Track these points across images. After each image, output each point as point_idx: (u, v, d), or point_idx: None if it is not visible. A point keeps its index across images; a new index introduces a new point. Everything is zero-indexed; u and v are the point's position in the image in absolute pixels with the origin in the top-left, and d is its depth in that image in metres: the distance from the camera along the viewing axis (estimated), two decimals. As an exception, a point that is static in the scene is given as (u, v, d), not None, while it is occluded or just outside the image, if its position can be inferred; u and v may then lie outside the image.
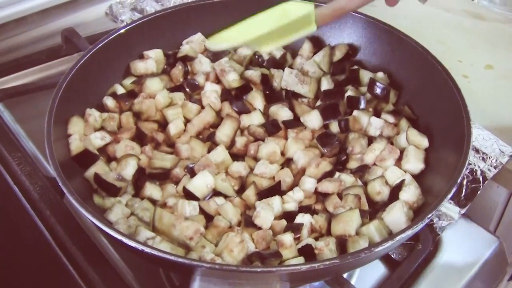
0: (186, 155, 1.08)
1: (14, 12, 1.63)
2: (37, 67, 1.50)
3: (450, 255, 1.11)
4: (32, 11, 1.66)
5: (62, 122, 1.07)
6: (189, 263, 0.77)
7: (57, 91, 1.05)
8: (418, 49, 1.16)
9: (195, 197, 1.00)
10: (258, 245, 0.94)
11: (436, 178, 1.02)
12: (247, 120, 1.15)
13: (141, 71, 1.21)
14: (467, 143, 0.96)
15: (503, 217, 1.31)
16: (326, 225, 0.98)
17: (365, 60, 1.27)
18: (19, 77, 1.48)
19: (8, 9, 1.62)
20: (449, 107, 1.06)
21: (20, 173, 1.14)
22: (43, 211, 1.07)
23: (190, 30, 1.29)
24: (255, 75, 1.21)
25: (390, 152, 1.07)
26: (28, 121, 1.36)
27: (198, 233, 0.91)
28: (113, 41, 1.19)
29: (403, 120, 1.14)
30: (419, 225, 0.84)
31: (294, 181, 1.06)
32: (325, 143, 1.10)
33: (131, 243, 0.79)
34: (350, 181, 1.04)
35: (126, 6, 1.69)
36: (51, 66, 1.51)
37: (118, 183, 0.99)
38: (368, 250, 0.80)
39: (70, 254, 1.02)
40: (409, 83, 1.19)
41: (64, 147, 1.04)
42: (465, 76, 1.40)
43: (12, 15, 1.63)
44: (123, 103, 1.16)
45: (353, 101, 1.16)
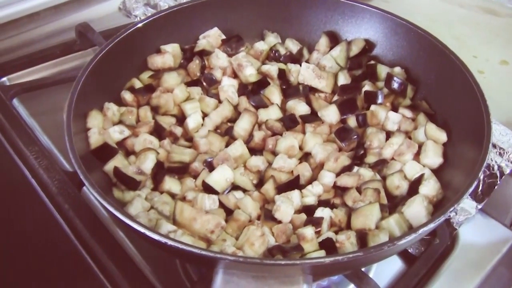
0: (205, 149, 1.08)
1: (27, 8, 1.64)
2: (51, 62, 1.51)
3: (467, 249, 1.11)
4: (45, 6, 1.66)
5: (81, 116, 1.07)
6: (213, 256, 0.77)
7: (76, 85, 1.05)
8: (435, 43, 1.15)
9: (214, 191, 1.00)
10: (278, 238, 0.94)
11: (455, 173, 1.02)
12: (264, 114, 1.15)
13: (158, 65, 1.21)
14: (487, 138, 0.96)
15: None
16: (346, 219, 0.98)
17: (382, 55, 1.26)
18: (34, 71, 1.49)
19: (21, 4, 1.63)
20: (468, 101, 1.05)
21: (38, 167, 1.14)
22: (61, 204, 1.08)
23: (207, 24, 1.29)
24: (272, 69, 1.21)
25: (409, 146, 1.07)
26: (42, 115, 1.36)
27: (219, 227, 0.91)
28: (130, 35, 1.19)
29: (421, 115, 1.14)
30: (441, 218, 0.84)
31: (312, 175, 1.06)
32: (343, 137, 1.09)
33: (155, 236, 0.79)
34: (369, 175, 1.04)
35: (139, 1, 1.69)
36: (65, 60, 1.52)
37: (138, 177, 1.00)
38: (391, 243, 0.80)
39: (89, 247, 1.02)
40: (426, 77, 1.19)
41: (83, 141, 1.04)
42: (480, 71, 1.40)
43: (25, 10, 1.64)
44: (141, 97, 1.16)
45: (370, 96, 1.16)
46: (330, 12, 1.28)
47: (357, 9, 1.26)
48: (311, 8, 1.29)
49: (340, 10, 1.28)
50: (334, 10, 1.28)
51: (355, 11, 1.26)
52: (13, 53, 1.54)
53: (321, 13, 1.29)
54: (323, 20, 1.29)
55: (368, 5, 1.25)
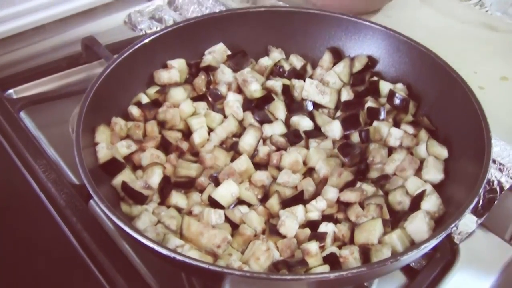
0: (210, 164, 1.10)
1: (33, 21, 1.66)
2: (57, 75, 1.53)
3: (468, 264, 1.12)
4: (51, 19, 1.69)
5: (89, 131, 1.09)
6: (220, 271, 0.79)
7: (84, 100, 1.07)
8: (436, 61, 1.18)
9: (220, 205, 1.02)
10: (283, 253, 0.96)
11: (456, 188, 1.04)
12: (269, 129, 1.17)
13: (164, 81, 1.23)
14: (488, 155, 0.98)
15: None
16: (349, 234, 1.00)
17: (384, 71, 1.28)
18: (40, 84, 1.51)
19: (27, 17, 1.65)
20: (468, 118, 1.07)
21: (46, 180, 1.15)
22: (69, 217, 1.09)
23: (212, 40, 1.31)
24: (277, 85, 1.23)
25: (410, 162, 1.09)
26: (48, 127, 1.38)
27: (226, 241, 0.93)
28: (137, 51, 1.21)
29: (423, 131, 1.16)
30: (443, 234, 0.86)
31: (316, 190, 1.08)
32: (346, 153, 1.11)
33: (164, 251, 0.81)
34: (372, 191, 1.06)
35: (144, 15, 1.71)
36: (71, 73, 1.54)
37: (145, 191, 1.02)
38: (394, 259, 0.82)
39: (97, 260, 1.04)
40: (428, 94, 1.21)
41: (91, 155, 1.06)
42: (481, 87, 1.42)
43: (31, 23, 1.66)
44: (147, 112, 1.18)
45: (373, 112, 1.18)
46: (334, 28, 1.30)
47: (360, 26, 1.28)
48: (315, 25, 1.31)
49: (343, 27, 1.30)
50: (337, 26, 1.30)
51: (358, 28, 1.28)
52: (20, 65, 1.56)
53: (324, 29, 1.31)
54: (326, 36, 1.31)
55: (371, 22, 1.27)
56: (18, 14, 1.63)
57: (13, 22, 1.64)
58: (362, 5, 1.61)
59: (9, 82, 1.48)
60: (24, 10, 1.64)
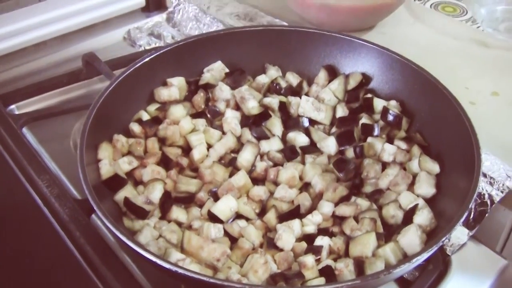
0: (209, 179, 1.13)
1: (34, 37, 1.70)
2: (58, 90, 1.55)
3: (459, 275, 1.15)
4: (51, 36, 1.72)
5: (91, 147, 1.12)
6: (220, 284, 0.83)
7: (87, 118, 1.11)
8: (428, 78, 1.21)
9: (219, 220, 1.06)
10: (280, 266, 0.99)
11: (447, 202, 1.08)
12: (266, 146, 1.20)
13: (164, 98, 1.27)
14: (477, 170, 1.01)
15: (509, 239, 1.35)
16: (344, 247, 1.03)
17: (378, 88, 1.32)
18: (41, 99, 1.53)
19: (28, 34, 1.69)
20: (459, 134, 1.11)
21: (49, 195, 1.18)
22: (72, 232, 1.12)
23: (211, 58, 1.35)
24: (274, 102, 1.27)
25: (403, 177, 1.12)
26: (49, 142, 1.40)
27: (225, 255, 0.96)
28: (138, 69, 1.24)
29: (415, 147, 1.19)
30: (434, 247, 0.89)
31: (312, 204, 1.12)
32: (341, 168, 1.15)
33: (166, 265, 0.84)
34: (366, 205, 1.10)
35: (143, 31, 1.75)
36: (72, 89, 1.57)
37: (147, 206, 1.05)
38: (387, 272, 0.86)
39: (99, 272, 1.06)
40: (420, 111, 1.24)
41: (94, 172, 1.10)
42: (472, 102, 1.45)
43: (32, 40, 1.70)
44: (148, 129, 1.21)
45: (367, 128, 1.22)
46: (329, 47, 1.34)
47: (354, 44, 1.32)
48: (311, 43, 1.34)
49: (338, 45, 1.33)
50: (332, 45, 1.34)
51: (353, 46, 1.32)
52: (21, 81, 1.59)
53: (320, 48, 1.35)
54: (322, 54, 1.35)
55: (365, 41, 1.31)
56: (19, 31, 1.67)
57: (14, 39, 1.67)
58: (356, 23, 1.64)
59: (11, 98, 1.50)
60: (25, 27, 1.68)
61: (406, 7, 1.81)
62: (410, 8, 1.82)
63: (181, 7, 1.75)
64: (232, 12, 1.72)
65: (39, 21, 1.70)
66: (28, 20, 1.68)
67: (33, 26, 1.69)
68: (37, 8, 1.72)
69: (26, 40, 1.69)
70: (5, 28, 1.66)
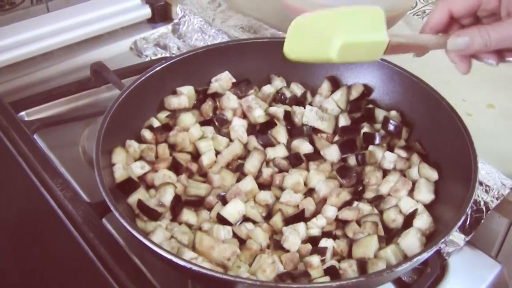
0: (218, 184, 1.18)
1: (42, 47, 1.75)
2: (67, 98, 1.60)
3: (456, 278, 1.20)
4: (59, 46, 1.77)
5: (105, 153, 1.16)
6: (233, 280, 0.87)
7: (102, 124, 1.15)
8: (427, 90, 1.27)
9: (228, 222, 1.10)
10: (286, 266, 1.04)
11: (445, 208, 1.13)
12: (272, 153, 1.25)
13: (174, 106, 1.32)
14: (474, 178, 1.06)
15: (504, 244, 1.40)
16: (347, 249, 1.09)
17: (379, 99, 1.37)
18: (50, 107, 1.58)
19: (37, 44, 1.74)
20: (457, 144, 1.16)
21: (63, 198, 1.22)
22: (86, 233, 1.15)
23: (218, 68, 1.40)
24: (279, 111, 1.32)
25: (403, 184, 1.18)
26: (58, 149, 1.45)
27: (235, 254, 1.01)
28: (149, 78, 1.29)
29: (415, 155, 1.24)
30: (434, 248, 0.94)
31: (316, 209, 1.17)
32: (344, 175, 1.20)
33: (181, 262, 0.89)
34: (368, 210, 1.15)
35: (150, 42, 1.80)
36: (80, 97, 1.61)
37: (159, 209, 1.10)
38: (389, 270, 0.91)
39: (113, 272, 1.10)
40: (419, 121, 1.30)
41: (107, 175, 1.14)
42: (469, 114, 1.50)
43: (41, 49, 1.75)
44: (159, 135, 1.26)
45: (369, 137, 1.27)
46: (332, 59, 1.39)
47: (356, 56, 1.37)
48: None
49: (341, 57, 1.38)
50: (335, 57, 1.39)
51: (355, 58, 1.37)
52: (31, 89, 1.63)
53: (323, 60, 1.40)
54: (325, 66, 1.40)
55: (366, 54, 1.36)
56: (29, 40, 1.72)
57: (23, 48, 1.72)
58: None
59: (22, 105, 1.55)
60: (34, 37, 1.73)
61: (406, 21, 1.86)
62: (410, 23, 1.88)
63: (186, 19, 1.80)
64: (236, 24, 1.77)
65: (48, 31, 1.75)
66: (37, 30, 1.74)
67: (42, 36, 1.75)
68: (46, 19, 1.78)
69: (35, 49, 1.74)
70: (15, 37, 1.71)
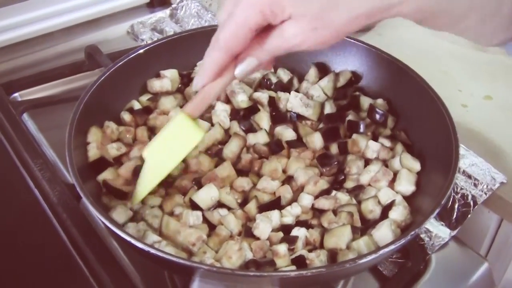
0: (195, 169, 1.16)
1: (41, 28, 1.74)
2: (60, 81, 1.60)
3: (438, 274, 1.17)
4: (57, 28, 1.77)
5: (82, 132, 1.16)
6: (189, 265, 0.85)
7: (78, 105, 1.14)
8: (414, 77, 1.23)
9: (199, 207, 1.08)
10: (255, 254, 1.02)
11: (425, 200, 1.09)
12: (253, 138, 1.23)
13: (156, 89, 1.30)
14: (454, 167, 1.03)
15: (494, 242, 1.37)
16: (320, 239, 1.06)
17: (367, 86, 1.34)
18: (43, 89, 1.58)
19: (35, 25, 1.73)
20: (441, 134, 1.13)
21: (41, 178, 1.22)
22: (60, 214, 1.15)
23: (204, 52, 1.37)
24: (263, 97, 1.29)
25: (384, 174, 1.15)
26: (49, 130, 1.45)
27: (200, 240, 0.99)
28: (132, 60, 1.28)
29: (399, 145, 1.21)
30: (402, 241, 0.91)
31: (293, 197, 1.14)
32: (324, 163, 1.17)
33: (139, 245, 0.87)
34: (345, 199, 1.12)
35: (146, 26, 1.78)
36: (74, 80, 1.61)
37: (125, 188, 1.09)
38: (352, 261, 0.88)
39: (83, 254, 1.09)
40: (406, 109, 1.26)
41: (83, 154, 1.14)
42: (464, 105, 1.47)
43: (39, 31, 1.74)
44: (139, 118, 1.25)
45: (353, 125, 1.24)
46: (320, 45, 1.36)
47: (345, 43, 1.33)
48: None
49: (329, 43, 1.35)
50: (324, 43, 1.36)
51: (344, 44, 1.34)
52: (26, 70, 1.64)
53: (312, 45, 1.37)
54: (313, 52, 1.34)
55: (355, 40, 1.33)
56: (27, 21, 1.72)
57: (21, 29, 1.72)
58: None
59: (14, 86, 1.55)
60: (32, 18, 1.73)
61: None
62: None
63: (184, 4, 1.78)
64: (233, 9, 1.75)
65: (46, 12, 1.75)
66: (35, 12, 1.73)
67: (40, 18, 1.74)
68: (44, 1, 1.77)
69: (32, 31, 1.74)
70: (12, 18, 1.71)
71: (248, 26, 0.86)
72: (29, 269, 1.10)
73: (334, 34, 0.87)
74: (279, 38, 0.87)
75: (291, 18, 0.85)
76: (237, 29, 0.87)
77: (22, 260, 1.12)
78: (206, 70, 0.96)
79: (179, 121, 1.02)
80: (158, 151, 1.06)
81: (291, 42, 0.87)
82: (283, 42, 0.88)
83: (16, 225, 1.19)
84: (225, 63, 0.94)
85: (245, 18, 0.85)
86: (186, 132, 1.03)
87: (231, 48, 0.90)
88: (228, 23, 0.87)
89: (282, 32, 0.86)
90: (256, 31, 0.88)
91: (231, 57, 0.93)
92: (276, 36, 0.88)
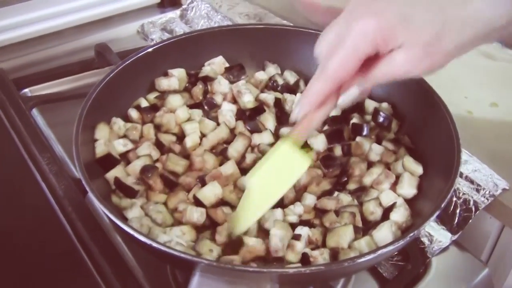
0: (199, 167, 1.18)
1: (52, 26, 1.78)
2: (70, 77, 1.63)
3: (438, 278, 1.18)
4: (68, 25, 1.81)
5: (90, 128, 1.18)
6: (190, 259, 0.87)
7: (87, 101, 1.16)
8: (420, 83, 1.23)
9: (203, 204, 1.10)
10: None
11: (426, 203, 1.10)
12: (258, 138, 1.24)
13: (164, 88, 1.32)
14: (455, 172, 1.04)
15: (495, 248, 1.37)
16: (322, 238, 1.07)
17: (373, 90, 1.33)
18: (53, 85, 1.61)
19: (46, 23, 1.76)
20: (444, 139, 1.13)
21: (48, 172, 1.25)
22: (65, 207, 1.18)
23: (212, 53, 1.39)
24: (269, 98, 1.31)
25: (387, 176, 1.16)
26: (58, 126, 1.48)
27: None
28: (140, 58, 1.29)
29: (402, 148, 1.22)
30: (401, 242, 0.92)
31: (296, 196, 1.15)
32: (327, 165, 1.18)
33: (141, 238, 0.89)
34: (347, 200, 1.13)
35: (156, 26, 1.80)
36: (83, 77, 1.64)
37: (136, 187, 1.10)
38: (351, 260, 0.89)
39: (88, 247, 1.11)
40: (410, 114, 1.27)
41: (90, 151, 1.16)
42: (469, 112, 1.47)
43: (50, 28, 1.78)
44: (145, 116, 1.26)
45: (357, 128, 1.25)
46: (327, 47, 1.37)
47: (352, 47, 1.34)
48: (309, 43, 1.33)
49: (336, 46, 1.36)
50: (330, 46, 1.37)
51: (351, 48, 1.35)
52: (37, 67, 1.67)
53: (318, 48, 1.38)
54: (319, 55, 1.38)
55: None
56: (38, 19, 1.75)
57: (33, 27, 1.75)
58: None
59: (25, 82, 1.59)
60: (44, 16, 1.76)
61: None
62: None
63: (194, 5, 1.80)
64: (242, 11, 1.77)
65: (57, 10, 1.78)
66: (47, 9, 1.76)
67: (51, 15, 1.78)
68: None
69: (44, 28, 1.78)
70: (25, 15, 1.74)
71: (358, 56, 0.84)
72: (34, 260, 1.12)
73: (442, 60, 0.85)
74: (388, 66, 0.85)
75: (402, 46, 0.83)
76: (347, 59, 0.85)
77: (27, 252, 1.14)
78: (311, 99, 0.93)
79: (285, 150, 1.01)
80: (263, 180, 1.02)
81: (400, 70, 0.85)
82: (391, 70, 0.86)
83: (22, 217, 1.21)
84: (331, 93, 0.92)
85: (356, 47, 0.83)
86: (292, 161, 1.02)
87: (338, 79, 0.88)
88: (337, 52, 0.85)
89: (391, 61, 0.84)
90: (363, 60, 0.86)
91: (337, 87, 0.92)
92: (384, 65, 0.85)
